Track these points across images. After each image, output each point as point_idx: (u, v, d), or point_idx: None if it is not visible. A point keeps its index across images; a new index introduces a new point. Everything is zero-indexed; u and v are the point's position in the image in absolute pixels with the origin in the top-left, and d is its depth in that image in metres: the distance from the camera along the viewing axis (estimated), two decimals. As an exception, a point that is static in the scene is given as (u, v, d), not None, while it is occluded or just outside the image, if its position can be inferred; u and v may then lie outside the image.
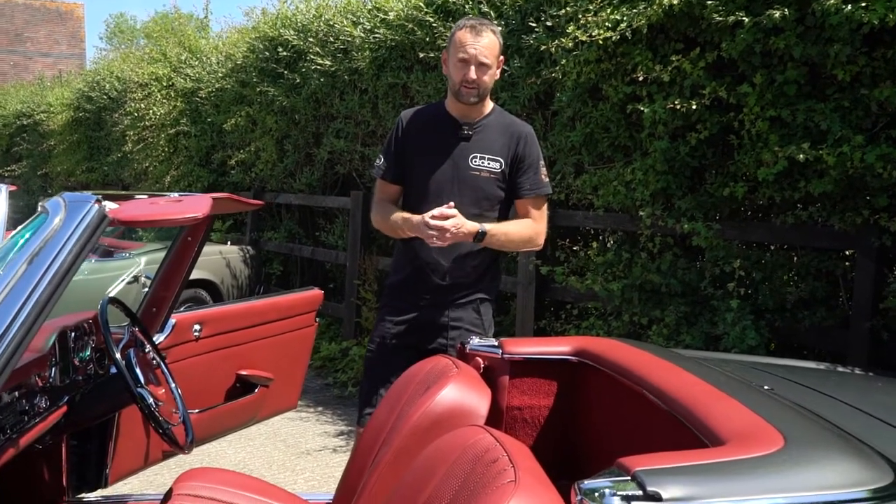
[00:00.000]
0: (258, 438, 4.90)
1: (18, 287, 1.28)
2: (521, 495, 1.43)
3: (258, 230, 8.21)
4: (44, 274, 1.29)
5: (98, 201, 1.39)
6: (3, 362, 1.25)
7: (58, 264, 1.30)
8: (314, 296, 3.79)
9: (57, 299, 1.31)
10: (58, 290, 1.30)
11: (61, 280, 1.30)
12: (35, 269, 1.29)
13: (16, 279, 1.28)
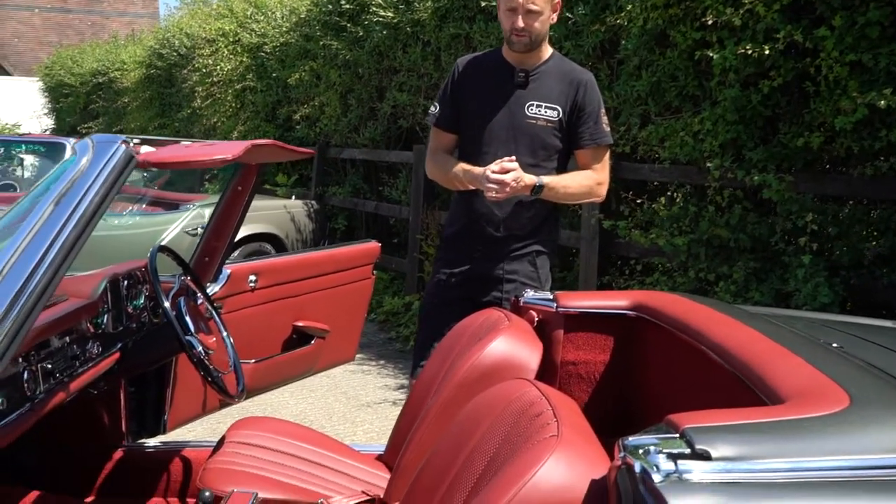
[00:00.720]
0: (319, 390, 4.94)
1: (45, 229, 1.26)
2: (562, 450, 1.37)
3: (323, 185, 8.23)
4: (70, 215, 1.26)
5: (125, 142, 1.36)
6: (32, 302, 1.23)
7: (84, 205, 1.27)
8: (371, 248, 3.76)
9: (85, 240, 1.29)
10: (85, 232, 1.28)
11: (88, 221, 1.28)
12: (61, 210, 1.27)
13: (42, 221, 1.26)
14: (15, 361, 1.80)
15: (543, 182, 2.71)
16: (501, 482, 1.37)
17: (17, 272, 1.24)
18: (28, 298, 1.23)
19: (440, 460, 1.80)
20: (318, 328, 3.44)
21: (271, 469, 2.30)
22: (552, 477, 1.32)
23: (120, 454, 2.74)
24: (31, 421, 1.83)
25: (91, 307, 2.17)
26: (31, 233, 1.25)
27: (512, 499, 1.32)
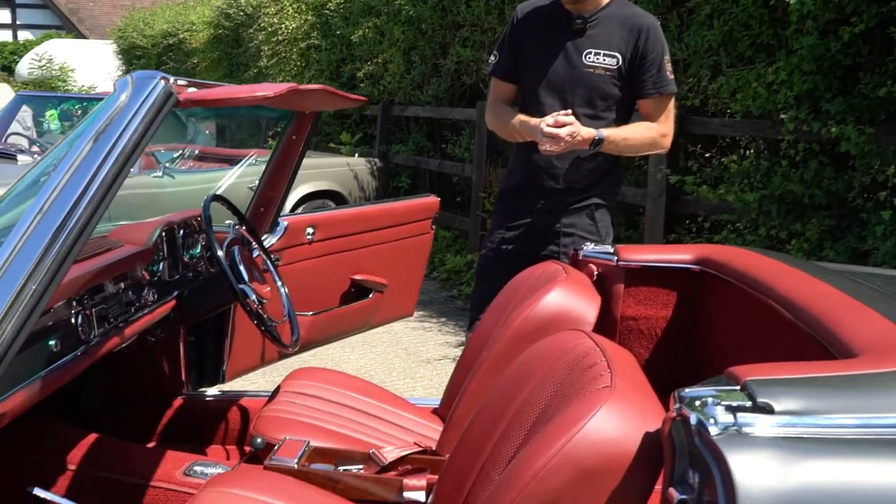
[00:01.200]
0: (380, 345, 4.96)
1: (84, 165, 1.24)
2: (614, 401, 1.31)
3: (386, 143, 8.21)
4: (109, 151, 1.24)
5: (164, 79, 1.33)
6: (73, 237, 1.22)
7: (123, 142, 1.25)
8: (430, 203, 3.71)
9: (124, 178, 1.27)
10: (124, 169, 1.26)
11: (128, 157, 1.25)
12: (100, 146, 1.25)
13: (81, 157, 1.24)
14: (68, 305, 1.82)
15: (602, 135, 2.61)
16: (550, 433, 1.32)
17: (58, 208, 1.22)
18: (69, 234, 1.22)
19: (491, 412, 1.76)
20: (375, 282, 3.42)
21: (324, 419, 2.30)
22: (603, 428, 1.26)
23: (180, 402, 2.78)
24: (85, 364, 1.84)
25: (146, 254, 2.18)
26: (71, 169, 1.24)
27: (560, 450, 1.26)
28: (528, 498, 1.27)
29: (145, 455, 2.08)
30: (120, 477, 2.00)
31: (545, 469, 1.27)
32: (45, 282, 1.22)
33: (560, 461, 1.26)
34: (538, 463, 1.28)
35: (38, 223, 1.22)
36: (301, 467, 1.98)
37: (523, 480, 1.28)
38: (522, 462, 1.32)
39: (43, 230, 1.22)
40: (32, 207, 1.24)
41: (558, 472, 1.26)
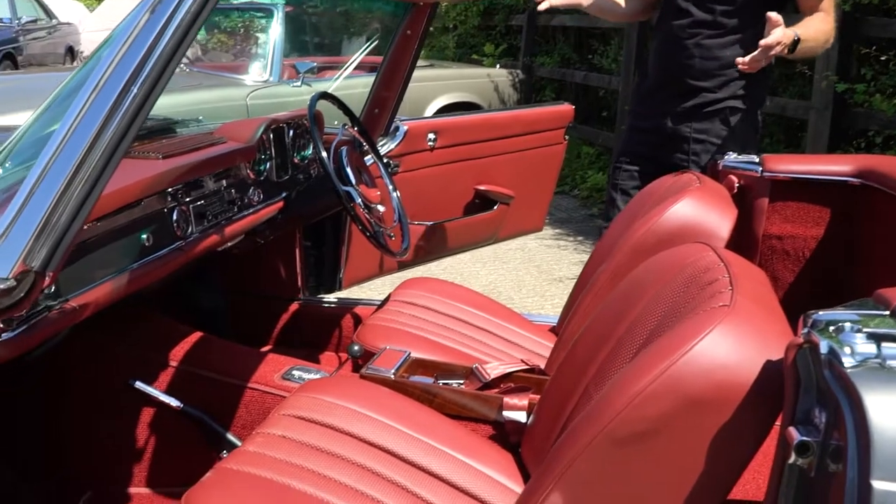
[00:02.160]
0: (511, 262, 4.82)
1: (139, 39, 1.13)
2: (732, 321, 1.11)
3: (531, 55, 7.89)
4: (166, 24, 1.13)
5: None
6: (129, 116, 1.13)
7: (181, 14, 1.13)
8: (564, 111, 3.49)
9: (183, 53, 1.16)
10: (183, 44, 1.15)
11: (186, 31, 1.14)
12: (156, 19, 1.14)
13: (138, 30, 1.14)
14: (162, 198, 1.77)
15: (799, 35, 2.25)
16: (654, 354, 1.14)
17: (112, 85, 1.14)
18: (125, 113, 1.14)
19: (598, 330, 1.58)
20: (501, 193, 3.26)
21: (430, 330, 2.19)
22: (714, 351, 1.07)
23: (295, 307, 2.76)
24: (181, 260, 1.80)
25: (248, 151, 2.11)
26: (127, 43, 1.14)
27: (662, 373, 1.09)
28: (622, 425, 1.10)
29: (247, 356, 2.05)
30: (218, 376, 1.98)
31: (643, 394, 1.09)
32: (100, 164, 1.15)
33: (661, 386, 1.09)
34: (636, 387, 1.10)
35: (92, 102, 1.15)
36: (398, 378, 1.89)
37: (618, 405, 1.11)
38: (619, 385, 1.15)
39: (97, 109, 1.14)
40: (88, 85, 1.16)
41: (658, 399, 1.09)
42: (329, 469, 1.49)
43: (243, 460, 1.48)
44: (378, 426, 1.63)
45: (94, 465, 1.99)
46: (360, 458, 1.54)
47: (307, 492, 1.41)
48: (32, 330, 1.34)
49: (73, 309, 1.44)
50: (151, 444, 1.97)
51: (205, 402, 1.96)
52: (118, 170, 1.68)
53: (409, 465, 1.57)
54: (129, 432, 1.97)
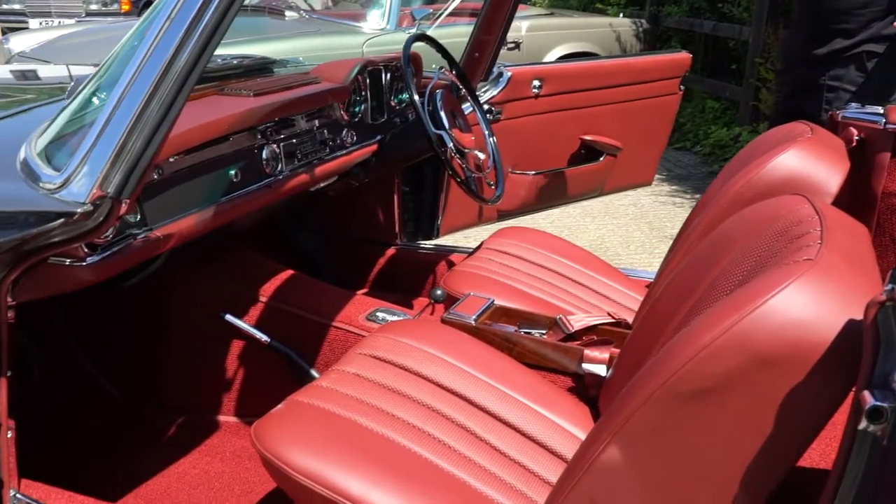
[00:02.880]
0: (622, 217, 4.70)
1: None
2: (812, 276, 1.02)
3: (658, 4, 7.58)
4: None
5: None
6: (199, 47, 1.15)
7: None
8: (679, 59, 3.32)
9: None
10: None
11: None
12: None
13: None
14: (251, 135, 1.80)
15: None
16: (725, 307, 1.06)
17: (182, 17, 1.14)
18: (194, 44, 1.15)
19: (682, 283, 1.51)
20: (608, 144, 3.16)
21: (518, 279, 2.16)
22: (790, 307, 0.99)
23: (392, 252, 2.78)
24: (268, 198, 1.83)
25: (341, 92, 2.11)
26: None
27: (730, 328, 1.02)
28: (684, 380, 1.04)
29: (334, 296, 2.08)
30: (305, 313, 2.01)
31: (708, 349, 1.03)
32: (172, 93, 1.17)
33: (728, 342, 1.02)
34: (701, 340, 1.04)
35: (165, 31, 1.16)
36: (479, 325, 1.87)
37: (681, 359, 1.05)
38: (685, 338, 1.08)
39: (169, 38, 1.16)
40: (162, 15, 1.17)
41: (724, 355, 1.02)
42: (397, 408, 1.49)
43: (314, 395, 1.50)
44: (451, 370, 1.62)
45: (185, 392, 2.08)
46: (430, 399, 1.54)
47: (372, 429, 1.42)
48: (117, 256, 1.39)
49: (157, 238, 1.48)
50: (240, 375, 2.04)
51: (291, 338, 2.01)
52: (208, 105, 1.71)
53: (480, 409, 1.55)
54: (219, 363, 2.04)
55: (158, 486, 1.82)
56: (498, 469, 1.44)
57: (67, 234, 1.23)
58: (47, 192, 1.24)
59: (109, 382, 2.10)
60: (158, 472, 1.86)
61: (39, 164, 1.30)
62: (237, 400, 2.06)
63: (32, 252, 1.26)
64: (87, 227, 1.22)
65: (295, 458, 1.33)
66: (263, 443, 1.36)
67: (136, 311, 2.08)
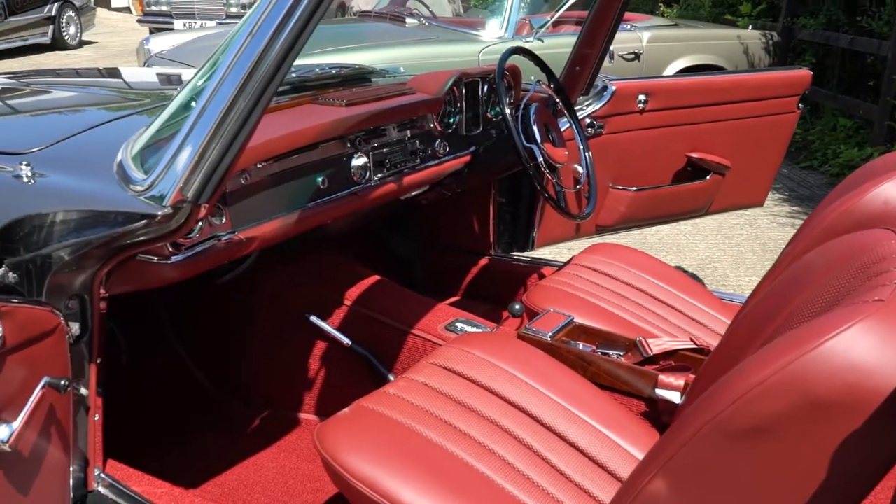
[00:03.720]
0: (736, 237, 4.54)
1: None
2: (878, 318, 0.98)
3: (793, 15, 7.27)
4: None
5: None
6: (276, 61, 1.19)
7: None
8: (798, 76, 3.20)
9: (325, 9, 1.19)
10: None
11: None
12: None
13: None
14: (341, 143, 1.85)
15: None
16: (783, 344, 1.03)
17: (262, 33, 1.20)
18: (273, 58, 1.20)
19: (761, 314, 1.46)
20: (716, 162, 3.07)
21: (602, 297, 2.13)
22: (851, 349, 0.95)
23: (485, 262, 2.79)
24: (354, 205, 1.88)
25: (434, 103, 2.14)
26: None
27: (786, 366, 0.98)
28: (733, 417, 1.01)
29: (417, 304, 2.11)
30: (386, 319, 2.05)
31: (760, 387, 1.00)
32: (249, 105, 1.22)
33: (781, 381, 0.98)
34: (755, 377, 1.01)
35: (245, 47, 1.21)
36: (555, 342, 1.86)
37: (732, 395, 1.02)
38: (739, 373, 1.05)
39: (248, 55, 1.21)
40: (245, 28, 1.23)
41: (776, 394, 0.98)
42: (460, 420, 1.51)
43: (380, 401, 1.53)
44: (520, 385, 1.62)
45: (268, 387, 2.16)
46: (494, 414, 1.54)
47: (432, 439, 1.44)
48: (200, 256, 1.47)
49: (241, 241, 1.55)
50: (321, 375, 2.10)
51: (371, 342, 2.05)
52: (301, 114, 1.78)
53: (545, 427, 1.55)
54: (302, 361, 2.11)
55: (236, 476, 1.90)
56: (555, 489, 1.43)
57: (151, 233, 1.30)
58: (135, 194, 1.32)
59: (200, 371, 2.21)
60: (237, 462, 1.95)
61: (132, 167, 1.38)
62: (317, 399, 2.12)
63: (122, 249, 1.35)
64: (168, 229, 1.30)
65: (352, 462, 1.37)
66: (325, 445, 1.40)
67: (228, 307, 2.18)
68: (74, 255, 1.34)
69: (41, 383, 1.26)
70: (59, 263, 1.34)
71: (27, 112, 2.15)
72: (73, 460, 1.42)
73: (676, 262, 4.14)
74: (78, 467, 1.45)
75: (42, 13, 11.88)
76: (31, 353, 1.25)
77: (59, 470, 1.39)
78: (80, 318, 1.40)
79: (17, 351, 1.22)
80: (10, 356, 1.21)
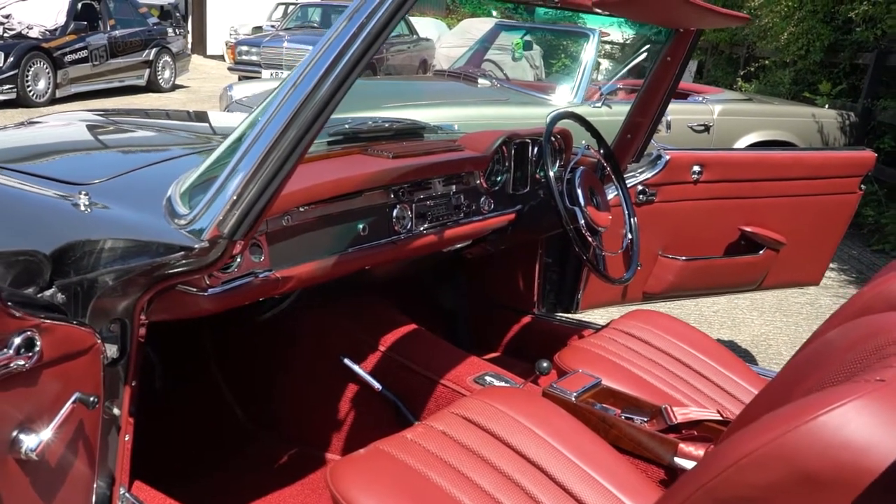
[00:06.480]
0: (794, 316, 4.44)
1: (335, 43, 1.26)
2: (874, 397, 0.99)
3: (874, 97, 7.16)
4: (359, 30, 1.25)
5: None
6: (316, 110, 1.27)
7: (374, 21, 1.24)
8: (863, 157, 3.17)
9: (370, 57, 1.27)
10: (373, 46, 1.26)
11: (375, 38, 1.25)
12: (351, 25, 1.26)
13: (334, 36, 1.27)
14: (385, 193, 1.92)
15: None
16: (778, 417, 1.04)
17: (307, 82, 1.28)
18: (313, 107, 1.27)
19: (779, 388, 1.46)
20: (770, 238, 3.04)
21: (634, 361, 2.13)
22: (843, 426, 0.96)
23: (528, 320, 2.82)
24: (392, 254, 1.94)
25: (481, 161, 2.20)
26: (325, 46, 1.28)
27: (776, 439, 0.99)
28: (723, 486, 1.02)
29: (449, 354, 2.15)
30: (418, 368, 2.09)
31: (752, 456, 1.01)
32: (286, 151, 1.29)
33: (772, 452, 0.99)
34: (747, 447, 1.02)
35: (287, 97, 1.29)
36: (579, 402, 1.87)
37: (723, 464, 1.03)
38: (733, 443, 1.06)
39: (290, 104, 1.29)
40: (288, 81, 1.31)
41: (765, 466, 1.00)
42: (472, 471, 1.53)
43: (396, 445, 1.57)
44: (536, 441, 1.64)
45: (299, 425, 2.21)
46: (507, 467, 1.56)
47: (442, 486, 1.47)
48: (235, 291, 1.54)
49: (277, 280, 1.62)
50: (350, 417, 2.15)
51: (401, 389, 2.09)
52: (349, 163, 1.86)
53: (556, 484, 1.56)
54: (333, 402, 2.16)
55: (258, 510, 1.95)
56: (559, 546, 1.43)
57: (189, 265, 1.38)
58: (178, 228, 1.40)
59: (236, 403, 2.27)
60: (261, 496, 1.99)
61: (179, 202, 1.47)
62: (345, 440, 2.16)
63: (162, 278, 1.43)
64: (205, 262, 1.38)
65: (361, 502, 1.40)
66: (336, 483, 1.44)
67: (267, 343, 2.25)
68: (118, 280, 1.42)
69: (72, 398, 1.33)
70: (103, 288, 1.43)
71: (102, 147, 2.29)
72: (98, 476, 1.49)
73: (730, 336, 4.07)
74: (104, 484, 1.52)
75: (140, 57, 12.53)
76: (65, 369, 1.33)
77: (84, 484, 1.46)
78: (120, 341, 1.48)
79: (52, 366, 1.30)
80: (46, 370, 1.29)
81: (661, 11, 2.06)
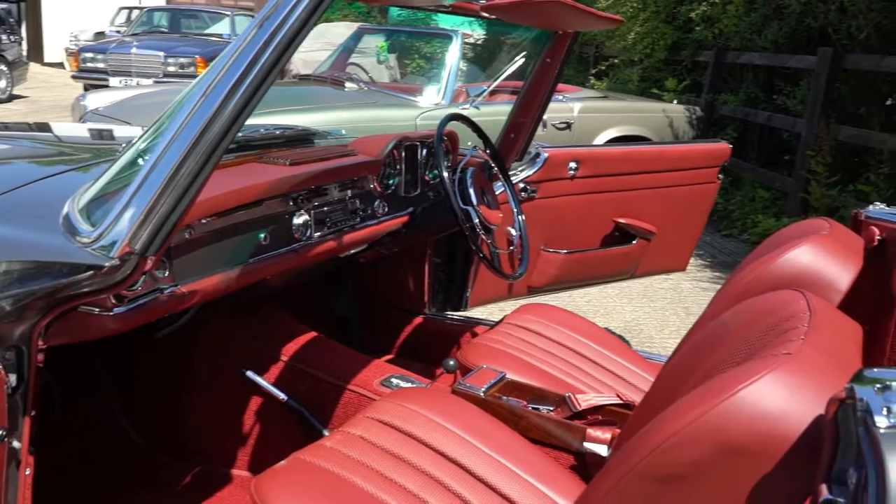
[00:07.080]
0: (660, 301, 4.70)
1: (246, 51, 1.25)
2: (787, 370, 1.06)
3: (715, 92, 7.66)
4: (270, 38, 1.24)
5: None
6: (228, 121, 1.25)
7: (285, 29, 1.24)
8: (719, 149, 3.39)
9: (284, 63, 1.26)
10: (285, 55, 1.25)
11: (289, 43, 1.24)
12: (263, 32, 1.25)
13: (245, 43, 1.25)
14: (284, 202, 1.90)
15: None
16: (698, 396, 1.10)
17: (216, 93, 1.25)
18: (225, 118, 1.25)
19: (679, 371, 1.55)
20: (642, 228, 3.21)
21: (533, 354, 2.20)
22: (761, 399, 1.03)
23: (420, 320, 2.85)
24: (293, 262, 1.92)
25: (375, 165, 2.21)
26: (235, 54, 1.26)
27: (700, 416, 1.06)
28: (653, 465, 1.08)
29: (352, 359, 2.15)
30: (322, 375, 2.08)
31: (677, 436, 1.07)
32: (199, 163, 1.27)
33: (697, 429, 1.05)
34: (672, 427, 1.08)
35: (198, 107, 1.26)
36: (488, 397, 1.92)
37: (651, 444, 1.09)
38: (658, 423, 1.12)
39: (200, 114, 1.26)
40: (198, 90, 1.28)
41: (692, 443, 1.06)
42: (396, 473, 1.54)
43: (317, 454, 1.56)
44: (454, 439, 1.67)
45: (202, 442, 2.15)
46: (429, 466, 1.58)
47: (368, 491, 1.47)
48: (142, 308, 1.49)
49: (183, 294, 1.58)
50: (255, 431, 2.11)
51: (307, 398, 2.07)
52: (246, 172, 1.83)
53: (477, 480, 1.59)
54: (237, 417, 2.12)
55: (166, 533, 1.89)
56: (488, 540, 1.47)
57: (96, 285, 1.32)
58: (81, 246, 1.34)
59: (132, 426, 2.19)
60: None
61: (79, 219, 1.41)
62: (251, 454, 2.12)
63: (64, 300, 1.36)
64: (114, 280, 1.32)
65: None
66: (262, 497, 1.42)
67: (165, 361, 2.18)
68: (15, 306, 1.34)
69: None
70: None
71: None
72: None
73: (604, 323, 4.26)
74: None
75: (-28, 65, 11.71)
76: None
77: (-12, 523, 1.37)
78: (17, 370, 1.40)
79: (-46, 399, 1.22)
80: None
81: (543, 15, 2.14)
